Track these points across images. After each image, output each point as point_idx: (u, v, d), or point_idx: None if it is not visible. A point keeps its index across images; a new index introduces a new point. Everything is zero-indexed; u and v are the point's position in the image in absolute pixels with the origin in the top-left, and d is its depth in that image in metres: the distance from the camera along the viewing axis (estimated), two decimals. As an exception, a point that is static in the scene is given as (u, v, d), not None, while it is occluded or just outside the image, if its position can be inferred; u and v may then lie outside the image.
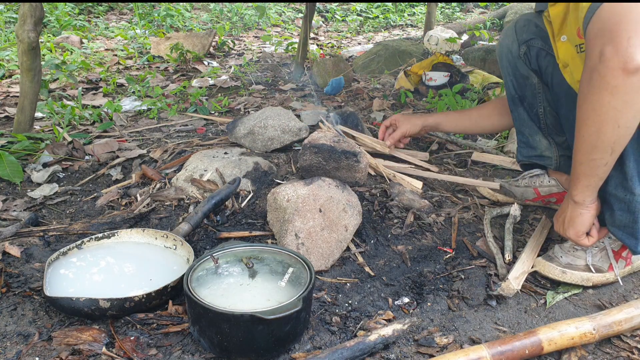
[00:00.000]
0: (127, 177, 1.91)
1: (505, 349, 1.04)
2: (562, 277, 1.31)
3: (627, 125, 1.02)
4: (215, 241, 1.52)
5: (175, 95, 3.05)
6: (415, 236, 1.56)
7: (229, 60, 4.17)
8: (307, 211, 1.41)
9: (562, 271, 1.31)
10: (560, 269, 1.31)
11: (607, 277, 1.32)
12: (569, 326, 1.10)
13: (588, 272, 1.31)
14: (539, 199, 1.67)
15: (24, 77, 2.04)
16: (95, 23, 5.43)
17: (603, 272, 1.32)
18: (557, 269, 1.32)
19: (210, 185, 1.72)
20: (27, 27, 1.93)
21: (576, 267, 1.32)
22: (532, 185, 1.66)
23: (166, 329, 1.16)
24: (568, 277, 1.31)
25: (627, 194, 1.18)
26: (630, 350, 1.12)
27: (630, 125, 1.03)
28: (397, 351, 1.11)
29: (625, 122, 1.01)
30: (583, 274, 1.31)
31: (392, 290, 1.34)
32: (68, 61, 3.68)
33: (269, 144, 1.95)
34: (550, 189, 1.63)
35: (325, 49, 4.83)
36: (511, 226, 1.56)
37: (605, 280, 1.33)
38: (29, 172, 1.92)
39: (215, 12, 6.17)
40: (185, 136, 2.31)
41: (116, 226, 1.57)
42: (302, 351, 1.11)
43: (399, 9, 7.28)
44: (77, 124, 2.49)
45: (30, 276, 1.35)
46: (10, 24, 4.85)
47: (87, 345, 1.09)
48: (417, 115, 1.93)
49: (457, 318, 1.23)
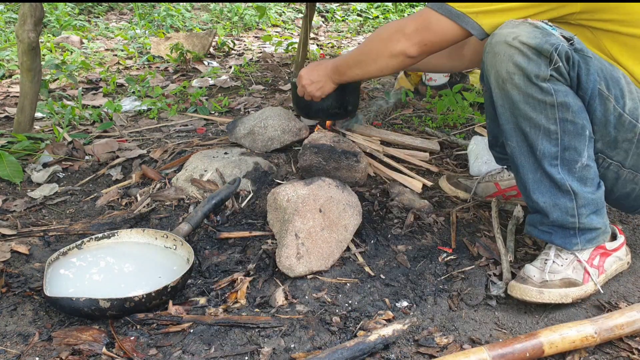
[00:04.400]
0: (127, 177, 1.91)
1: (506, 351, 1.04)
2: (539, 297, 1.24)
3: (383, 74, 1.46)
4: (216, 241, 1.52)
5: (175, 95, 3.05)
6: (415, 236, 1.56)
7: (229, 60, 4.17)
8: (307, 211, 1.41)
9: (539, 291, 1.24)
10: (537, 290, 1.24)
11: (585, 289, 1.27)
12: (570, 329, 1.09)
13: (565, 287, 1.26)
14: (500, 192, 1.72)
15: (24, 77, 2.04)
16: (95, 23, 5.43)
17: (579, 285, 1.27)
18: (534, 290, 1.24)
19: (210, 186, 1.71)
20: (27, 27, 1.93)
21: (552, 284, 1.25)
22: (492, 180, 1.72)
23: (166, 329, 1.16)
24: (546, 297, 1.24)
25: (530, 202, 1.30)
26: (631, 351, 1.12)
27: (383, 74, 1.47)
28: (397, 351, 1.11)
29: (385, 72, 1.44)
30: (561, 290, 1.25)
31: (392, 290, 1.34)
32: (68, 61, 3.68)
33: (269, 144, 1.95)
34: (510, 182, 1.70)
35: (325, 49, 4.83)
36: (514, 227, 1.56)
37: (584, 294, 1.27)
38: (29, 172, 1.92)
39: (215, 12, 6.16)
40: (185, 136, 2.31)
41: (116, 226, 1.57)
42: (302, 351, 1.11)
43: (399, 9, 7.28)
44: (77, 124, 2.49)
45: (30, 276, 1.35)
46: (10, 24, 4.84)
47: (87, 345, 1.09)
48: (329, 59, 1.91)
49: (457, 318, 1.23)
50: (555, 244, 1.30)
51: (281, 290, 1.30)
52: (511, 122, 1.24)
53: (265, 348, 1.11)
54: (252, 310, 1.24)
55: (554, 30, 1.16)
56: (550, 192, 1.25)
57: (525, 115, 1.20)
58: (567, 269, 1.28)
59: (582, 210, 1.25)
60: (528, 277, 1.28)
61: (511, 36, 1.15)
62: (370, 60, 1.44)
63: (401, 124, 2.45)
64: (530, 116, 1.19)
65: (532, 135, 1.21)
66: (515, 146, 1.26)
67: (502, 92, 1.21)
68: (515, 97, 1.19)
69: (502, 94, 1.21)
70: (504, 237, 1.53)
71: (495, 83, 1.22)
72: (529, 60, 1.14)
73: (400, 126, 2.40)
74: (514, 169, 1.31)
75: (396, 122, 2.46)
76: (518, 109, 1.20)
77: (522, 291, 1.25)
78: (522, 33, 1.14)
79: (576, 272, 1.28)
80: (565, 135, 1.19)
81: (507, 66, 1.17)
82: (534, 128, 1.20)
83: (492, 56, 1.20)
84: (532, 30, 1.14)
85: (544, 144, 1.21)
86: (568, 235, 1.28)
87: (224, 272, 1.40)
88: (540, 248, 1.51)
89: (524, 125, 1.21)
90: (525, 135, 1.22)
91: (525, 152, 1.25)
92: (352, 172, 1.75)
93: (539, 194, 1.26)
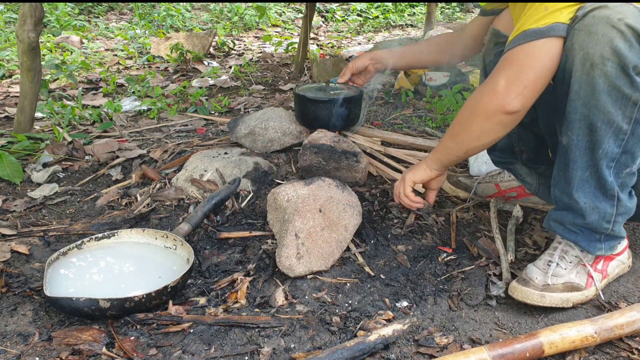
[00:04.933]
0: (127, 177, 1.91)
1: (506, 351, 1.04)
2: (541, 301, 1.23)
3: (483, 143, 1.26)
4: (216, 241, 1.52)
5: (175, 95, 3.05)
6: (415, 236, 1.56)
7: (229, 60, 4.17)
8: (307, 211, 1.41)
9: (541, 295, 1.23)
10: (539, 293, 1.23)
11: (587, 294, 1.27)
12: (570, 329, 1.09)
13: (567, 292, 1.24)
14: (500, 194, 1.72)
15: (24, 77, 2.04)
16: (95, 23, 5.43)
17: (581, 290, 1.26)
18: (535, 294, 1.22)
19: (210, 186, 1.71)
20: (27, 27, 1.93)
21: (554, 288, 1.24)
22: (492, 181, 1.72)
23: (166, 329, 1.16)
24: (547, 301, 1.23)
25: (567, 199, 1.23)
26: (631, 351, 1.12)
27: (484, 144, 1.26)
28: (397, 351, 1.11)
29: (484, 140, 1.24)
30: (562, 295, 1.24)
31: (392, 290, 1.34)
32: (68, 61, 3.68)
33: (269, 146, 1.95)
34: (510, 183, 1.69)
35: (325, 49, 4.83)
36: (513, 227, 1.56)
37: (585, 299, 1.27)
38: (29, 172, 1.92)
39: (215, 12, 6.17)
40: (185, 136, 2.31)
41: (116, 226, 1.57)
42: (302, 351, 1.11)
43: (399, 9, 7.28)
44: (77, 124, 2.49)
45: (30, 276, 1.35)
46: (10, 24, 4.84)
47: (87, 345, 1.09)
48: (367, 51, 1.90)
49: (457, 318, 1.23)
50: (580, 245, 1.26)
51: (281, 290, 1.30)
52: (581, 112, 1.10)
53: (265, 348, 1.11)
54: (252, 310, 1.24)
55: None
56: (594, 194, 1.18)
57: (603, 109, 1.08)
58: (571, 272, 1.26)
59: (619, 218, 1.22)
60: (530, 279, 1.26)
61: (616, 16, 1.00)
62: (481, 134, 1.24)
63: (401, 124, 2.45)
64: (609, 110, 1.07)
65: (602, 131, 1.10)
66: (574, 139, 1.14)
67: (586, 78, 1.06)
68: (600, 85, 1.05)
69: (586, 79, 1.07)
70: (504, 237, 1.53)
71: (581, 66, 1.06)
72: (630, 47, 1.01)
73: (400, 126, 2.40)
74: (562, 162, 1.20)
75: (396, 122, 2.46)
76: (597, 100, 1.07)
77: (524, 294, 1.24)
78: (629, 15, 1.00)
79: (579, 277, 1.27)
80: (631, 138, 1.12)
81: (603, 49, 1.02)
82: (607, 124, 1.09)
83: (585, 35, 1.03)
84: (639, 14, 1.01)
85: (609, 143, 1.11)
86: (594, 239, 1.25)
87: (224, 272, 1.40)
88: (541, 248, 1.51)
89: (596, 118, 1.09)
90: (594, 129, 1.11)
91: (584, 148, 1.14)
92: (352, 172, 1.75)
93: (582, 193, 1.19)
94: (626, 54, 1.01)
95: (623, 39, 1.01)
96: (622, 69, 1.03)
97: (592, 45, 1.03)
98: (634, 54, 1.02)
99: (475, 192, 1.75)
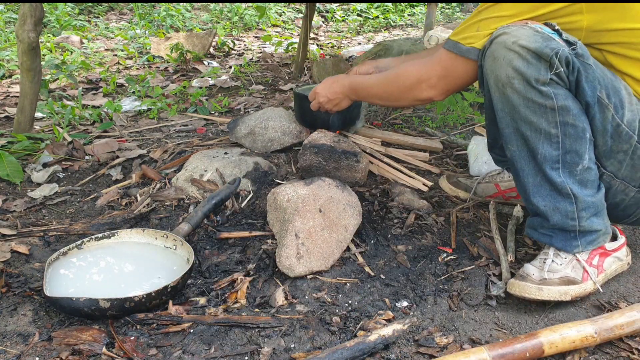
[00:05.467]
0: (127, 177, 1.91)
1: (506, 351, 1.04)
2: (539, 294, 1.24)
3: (390, 105, 1.66)
4: (216, 241, 1.52)
5: (175, 95, 3.05)
6: (415, 236, 1.56)
7: (229, 60, 4.17)
8: (307, 211, 1.41)
9: (538, 288, 1.24)
10: (536, 287, 1.25)
11: (585, 287, 1.27)
12: (570, 329, 1.09)
13: (564, 285, 1.26)
14: (500, 194, 1.72)
15: (24, 77, 2.04)
16: (95, 23, 5.43)
17: (578, 283, 1.27)
18: (533, 287, 1.24)
19: (210, 186, 1.71)
20: (27, 27, 1.93)
21: (551, 282, 1.26)
22: (492, 181, 1.72)
23: (166, 329, 1.16)
24: (545, 294, 1.24)
25: (530, 205, 1.31)
26: (631, 351, 1.12)
27: (390, 106, 1.64)
28: (397, 351, 1.11)
29: (395, 106, 1.66)
30: (560, 287, 1.25)
31: (392, 290, 1.34)
32: (68, 61, 3.68)
33: (269, 145, 1.95)
34: (510, 183, 1.69)
35: (325, 49, 4.83)
36: (513, 227, 1.56)
37: (584, 292, 1.27)
38: (29, 172, 1.92)
39: (215, 12, 6.17)
40: (185, 136, 2.31)
41: (116, 226, 1.57)
42: (302, 351, 1.11)
43: (399, 9, 7.28)
44: (77, 124, 2.49)
45: (30, 276, 1.35)
46: (10, 24, 4.84)
47: (87, 345, 1.09)
48: (343, 76, 1.80)
49: (457, 318, 1.23)
50: (556, 246, 1.29)
51: (281, 290, 1.30)
52: (511, 126, 1.23)
53: (265, 348, 1.11)
54: (252, 310, 1.24)
55: (554, 34, 1.15)
56: (551, 196, 1.24)
57: (526, 119, 1.19)
58: (566, 268, 1.28)
59: (583, 213, 1.24)
60: (527, 275, 1.28)
61: (510, 40, 1.15)
62: (392, 100, 1.51)
63: (401, 124, 2.45)
64: (531, 120, 1.19)
65: (533, 139, 1.20)
66: (515, 150, 1.25)
67: (502, 97, 1.21)
68: (516, 101, 1.18)
69: (502, 98, 1.21)
70: (504, 238, 1.53)
71: (495, 87, 1.21)
72: (528, 64, 1.13)
73: (400, 126, 2.40)
74: (514, 173, 1.31)
75: (396, 122, 2.46)
76: (518, 113, 1.20)
77: (521, 288, 1.26)
78: (521, 37, 1.14)
79: (575, 271, 1.28)
80: (566, 139, 1.19)
81: (507, 70, 1.16)
82: (535, 132, 1.20)
83: (491, 61, 1.19)
84: (533, 34, 1.14)
85: (545, 148, 1.20)
86: (568, 237, 1.28)
87: (224, 272, 1.40)
88: (541, 248, 1.51)
89: (524, 129, 1.21)
90: (526, 139, 1.22)
91: (526, 156, 1.24)
92: (352, 172, 1.75)
93: (539, 197, 1.26)
94: (525, 70, 1.14)
95: (520, 58, 1.14)
96: (528, 83, 1.15)
97: (498, 68, 1.18)
98: (532, 69, 1.13)
99: (475, 192, 1.75)
